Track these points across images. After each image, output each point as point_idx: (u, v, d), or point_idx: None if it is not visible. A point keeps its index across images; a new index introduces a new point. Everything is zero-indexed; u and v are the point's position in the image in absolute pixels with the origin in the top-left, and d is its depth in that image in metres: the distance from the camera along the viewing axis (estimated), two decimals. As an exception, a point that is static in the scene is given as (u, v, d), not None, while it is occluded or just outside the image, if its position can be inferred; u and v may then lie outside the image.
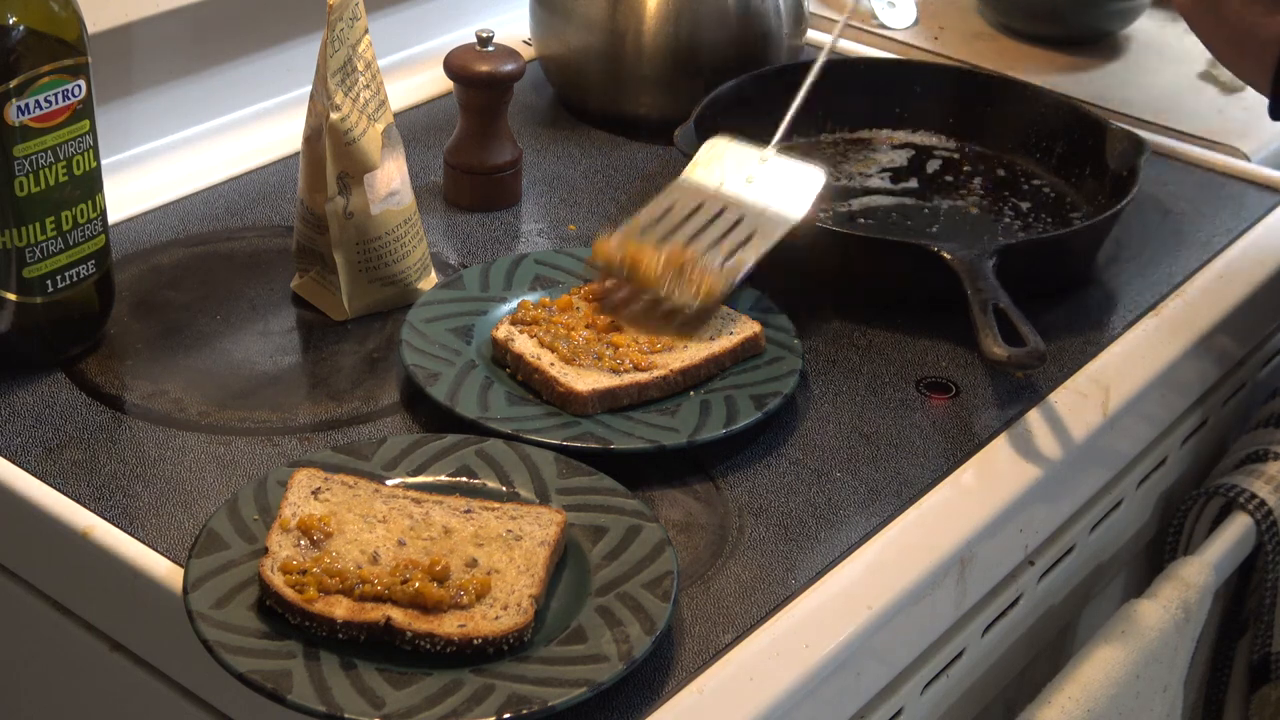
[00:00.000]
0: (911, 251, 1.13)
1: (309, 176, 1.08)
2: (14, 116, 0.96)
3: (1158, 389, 1.12)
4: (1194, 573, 1.13)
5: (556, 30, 1.37)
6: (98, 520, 0.92)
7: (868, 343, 1.11)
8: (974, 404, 1.06)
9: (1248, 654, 1.26)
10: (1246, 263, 1.23)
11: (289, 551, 0.85)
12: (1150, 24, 1.63)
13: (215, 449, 0.98)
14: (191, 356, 1.07)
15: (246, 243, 1.19)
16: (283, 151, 1.30)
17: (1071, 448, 1.04)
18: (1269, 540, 1.19)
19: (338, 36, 1.04)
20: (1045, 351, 1.02)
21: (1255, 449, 1.22)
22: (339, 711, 0.78)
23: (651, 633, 0.83)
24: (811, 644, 0.87)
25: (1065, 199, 1.27)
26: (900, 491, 0.98)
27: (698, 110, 1.25)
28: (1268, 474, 1.20)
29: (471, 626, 0.82)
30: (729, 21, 1.34)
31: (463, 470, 0.94)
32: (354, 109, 1.06)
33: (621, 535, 0.90)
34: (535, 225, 1.23)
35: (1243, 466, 1.22)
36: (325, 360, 1.07)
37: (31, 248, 0.99)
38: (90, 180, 1.01)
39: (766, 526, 0.94)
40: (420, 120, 1.36)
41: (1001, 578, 1.02)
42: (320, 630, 0.82)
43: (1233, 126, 1.43)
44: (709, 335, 1.05)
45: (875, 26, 1.61)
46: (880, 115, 1.36)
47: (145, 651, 0.93)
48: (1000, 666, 1.07)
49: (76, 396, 1.02)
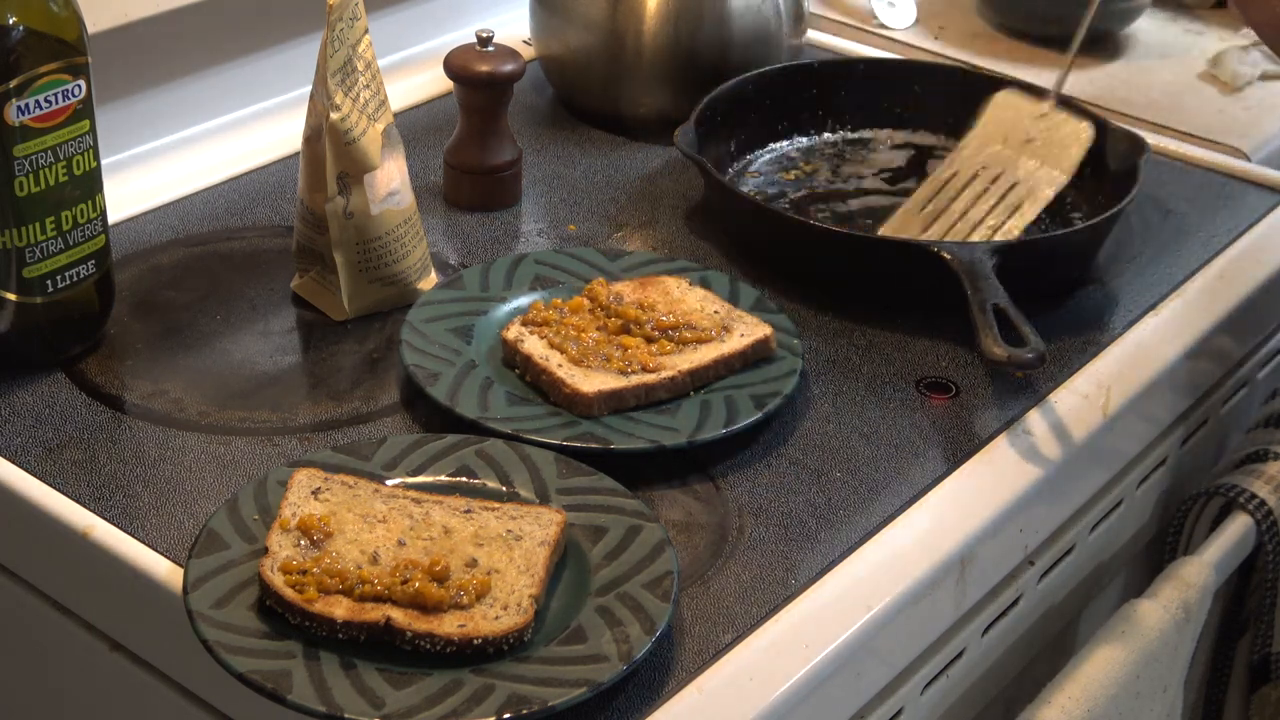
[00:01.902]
0: (911, 251, 1.13)
1: (309, 176, 1.08)
2: (14, 116, 0.96)
3: (1158, 389, 1.12)
4: (1194, 573, 1.13)
5: (556, 30, 1.37)
6: (98, 520, 0.92)
7: (868, 343, 1.11)
8: (974, 404, 1.06)
9: (1248, 654, 1.26)
10: (1246, 263, 1.23)
11: (289, 551, 0.85)
12: (1150, 24, 1.63)
13: (215, 449, 0.98)
14: (191, 356, 1.07)
15: (246, 243, 1.19)
16: (283, 151, 1.30)
17: (1071, 448, 1.04)
18: (1269, 540, 1.19)
19: (338, 36, 1.04)
20: (1045, 351, 1.02)
21: (1255, 449, 1.22)
22: (339, 711, 0.78)
23: (651, 633, 0.83)
24: (811, 644, 0.87)
25: (1065, 199, 1.27)
26: (900, 491, 0.98)
27: (698, 110, 1.25)
28: (1268, 474, 1.20)
29: (471, 626, 0.82)
30: (729, 21, 1.34)
31: (463, 470, 0.94)
32: (354, 109, 1.06)
33: (621, 535, 0.90)
34: (535, 225, 1.23)
35: (1243, 466, 1.22)
36: (325, 360, 1.07)
37: (31, 248, 0.99)
38: (90, 180, 1.01)
39: (766, 526, 0.94)
40: (420, 120, 1.36)
41: (1001, 578, 1.02)
42: (320, 630, 0.82)
43: (1233, 126, 1.43)
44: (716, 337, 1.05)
45: (875, 26, 1.61)
46: (880, 115, 1.36)
47: (145, 651, 0.93)
48: (1000, 666, 1.07)
49: (76, 396, 1.02)
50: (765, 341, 1.05)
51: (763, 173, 1.30)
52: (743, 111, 1.31)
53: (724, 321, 1.06)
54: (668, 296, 1.09)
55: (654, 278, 1.11)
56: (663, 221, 1.24)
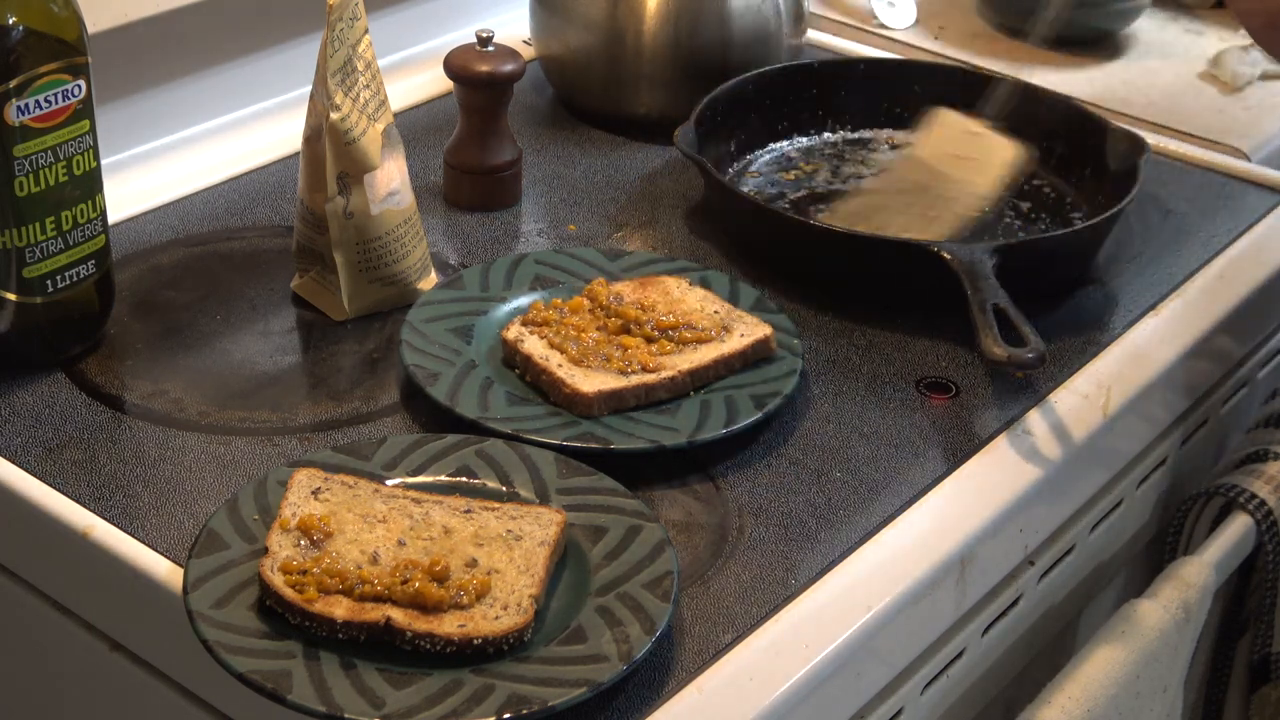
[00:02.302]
0: (911, 251, 1.13)
1: (309, 176, 1.08)
2: (14, 116, 0.96)
3: (1158, 389, 1.12)
4: (1194, 573, 1.13)
5: (556, 30, 1.37)
6: (98, 520, 0.92)
7: (868, 343, 1.11)
8: (974, 404, 1.06)
9: (1248, 654, 1.26)
10: (1246, 263, 1.23)
11: (289, 552, 0.85)
12: (1150, 24, 1.63)
13: (215, 449, 0.98)
14: (191, 356, 1.07)
15: (246, 243, 1.19)
16: (283, 151, 1.30)
17: (1071, 448, 1.04)
18: (1269, 540, 1.19)
19: (338, 36, 1.04)
20: (1045, 352, 1.02)
21: (1255, 449, 1.22)
22: (339, 711, 0.78)
23: (651, 633, 0.83)
24: (811, 644, 0.87)
25: (1065, 199, 1.27)
26: (900, 491, 0.98)
27: (698, 110, 1.25)
28: (1268, 474, 1.20)
29: (472, 626, 0.82)
30: (729, 21, 1.34)
31: (462, 470, 0.94)
32: (354, 109, 1.06)
33: (621, 535, 0.89)
34: (535, 225, 1.23)
35: (1243, 466, 1.22)
36: (325, 360, 1.07)
37: (31, 248, 0.99)
38: (90, 180, 1.01)
39: (766, 526, 0.94)
40: (420, 120, 1.36)
41: (1001, 578, 1.02)
42: (320, 630, 0.82)
43: (1233, 126, 1.43)
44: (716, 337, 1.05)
45: (875, 26, 1.61)
46: (880, 115, 1.36)
47: (145, 651, 0.93)
48: (1000, 666, 1.07)
49: (76, 396, 1.02)
50: (765, 341, 1.05)
51: (762, 173, 1.30)
52: (743, 111, 1.31)
53: (724, 321, 1.06)
54: (668, 296, 1.09)
55: (654, 278, 1.11)
56: (663, 221, 1.24)
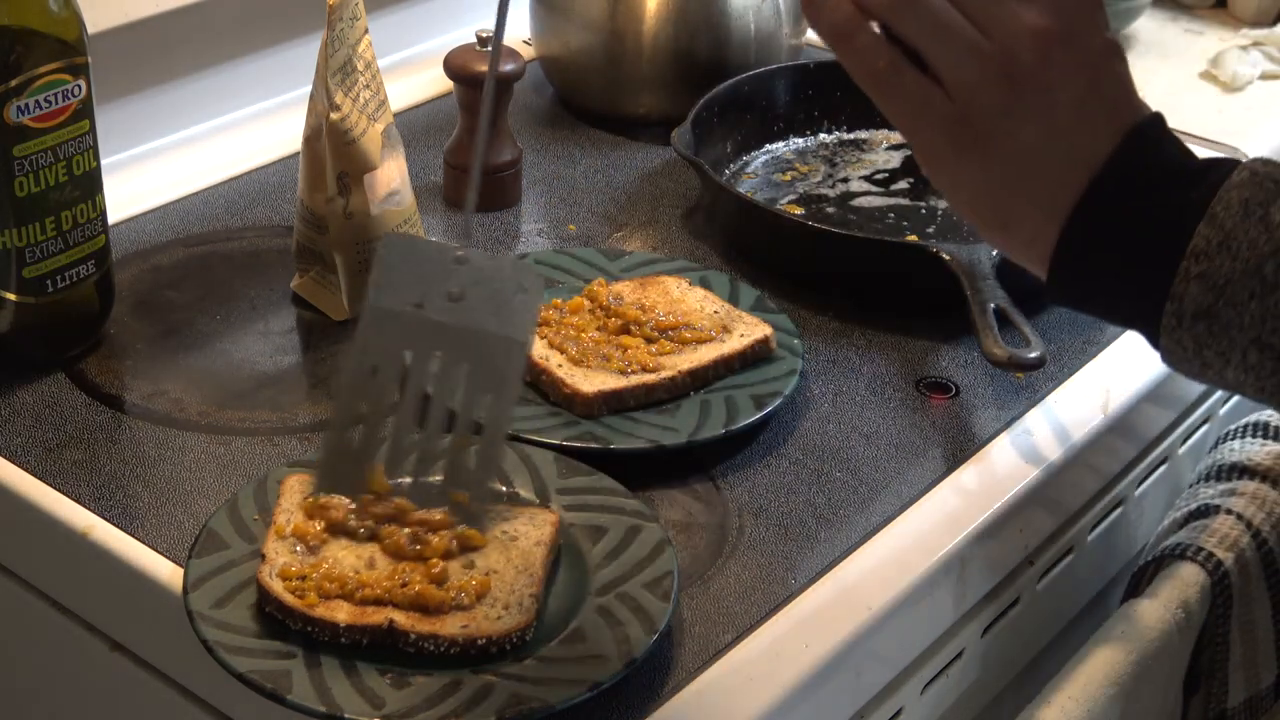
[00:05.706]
0: (911, 251, 1.13)
1: (309, 176, 1.08)
2: (14, 116, 0.96)
3: (1158, 389, 1.12)
4: (1194, 572, 1.13)
5: (556, 30, 1.37)
6: (98, 520, 0.92)
7: (868, 343, 1.11)
8: (974, 404, 1.06)
9: (1203, 712, 1.20)
10: (1246, 263, 1.23)
11: (286, 558, 0.85)
12: (1150, 24, 1.63)
13: (215, 449, 0.98)
14: (191, 356, 1.07)
15: (246, 243, 1.19)
16: (283, 151, 1.30)
17: (1071, 448, 1.04)
18: (1218, 597, 1.14)
19: (338, 36, 1.04)
20: (1046, 352, 1.02)
21: (1199, 504, 1.16)
22: (339, 712, 0.78)
23: (651, 633, 0.83)
24: (811, 644, 0.87)
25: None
26: (900, 491, 0.98)
27: (695, 110, 1.25)
28: (1217, 530, 1.13)
29: (474, 627, 0.82)
30: (729, 21, 1.34)
31: (463, 470, 0.94)
32: (354, 109, 1.06)
33: (621, 535, 0.89)
34: (535, 225, 1.23)
35: (1190, 524, 1.15)
36: (325, 360, 1.07)
37: (31, 248, 0.99)
38: (90, 180, 1.01)
39: (766, 526, 0.94)
40: (420, 120, 1.36)
41: (1001, 578, 1.02)
42: (323, 635, 0.82)
43: (1233, 126, 1.43)
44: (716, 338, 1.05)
45: (875, 26, 1.61)
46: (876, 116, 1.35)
47: (145, 651, 0.93)
48: (1000, 666, 1.07)
49: (76, 396, 1.02)
50: (765, 341, 1.05)
51: (759, 174, 1.30)
52: (739, 112, 1.31)
53: (724, 321, 1.06)
54: (667, 296, 1.09)
55: (654, 278, 1.11)
56: (662, 221, 1.24)
